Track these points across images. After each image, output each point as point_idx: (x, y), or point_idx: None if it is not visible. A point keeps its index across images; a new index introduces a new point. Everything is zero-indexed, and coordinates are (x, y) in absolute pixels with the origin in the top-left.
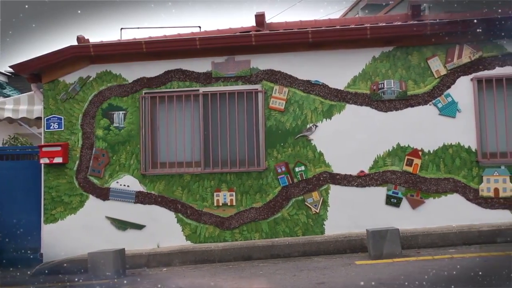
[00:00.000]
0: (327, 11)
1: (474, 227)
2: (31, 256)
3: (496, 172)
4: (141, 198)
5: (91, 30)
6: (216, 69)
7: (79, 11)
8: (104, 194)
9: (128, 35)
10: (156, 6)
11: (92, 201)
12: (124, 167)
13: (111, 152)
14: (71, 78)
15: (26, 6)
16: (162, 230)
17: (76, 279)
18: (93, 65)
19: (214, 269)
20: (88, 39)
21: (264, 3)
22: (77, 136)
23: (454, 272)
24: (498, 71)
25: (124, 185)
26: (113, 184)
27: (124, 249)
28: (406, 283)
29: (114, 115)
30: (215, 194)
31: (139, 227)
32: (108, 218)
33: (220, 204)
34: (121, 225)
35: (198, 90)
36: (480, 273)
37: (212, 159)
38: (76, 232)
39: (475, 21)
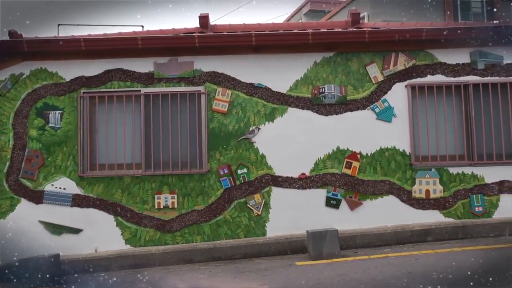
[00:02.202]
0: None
1: (407, 227)
2: None
3: (427, 174)
4: (78, 201)
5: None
6: (158, 69)
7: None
8: (37, 197)
9: (66, 32)
10: (99, 4)
11: (24, 205)
12: (60, 169)
13: (46, 154)
14: (2, 75)
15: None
16: (101, 234)
17: None
18: (26, 62)
19: (154, 273)
20: (21, 34)
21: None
22: (8, 136)
23: (388, 271)
24: (429, 78)
25: (60, 188)
26: (48, 187)
27: (59, 254)
28: (343, 283)
29: (50, 114)
30: (156, 196)
31: (76, 231)
32: (41, 222)
33: (161, 207)
34: (56, 229)
35: (140, 90)
36: (411, 272)
37: (154, 161)
38: (6, 238)
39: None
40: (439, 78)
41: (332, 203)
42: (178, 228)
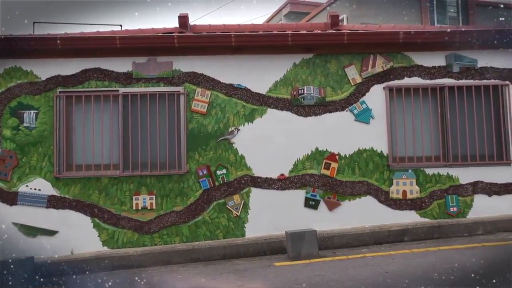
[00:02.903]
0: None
1: (385, 227)
2: None
3: (404, 175)
4: (54, 203)
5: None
6: (137, 69)
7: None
8: (11, 198)
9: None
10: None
11: None
12: (35, 170)
13: (20, 154)
14: None
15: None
16: (77, 236)
17: None
18: (0, 60)
19: (131, 275)
20: None
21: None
22: None
23: (366, 271)
24: (407, 81)
25: (35, 189)
26: (22, 188)
27: (33, 257)
28: (322, 283)
29: (25, 114)
30: (134, 197)
31: (51, 233)
32: (15, 224)
33: (140, 208)
34: (31, 231)
35: (118, 90)
36: (388, 272)
37: (132, 162)
38: None
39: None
40: (416, 81)
41: (311, 203)
42: (156, 230)
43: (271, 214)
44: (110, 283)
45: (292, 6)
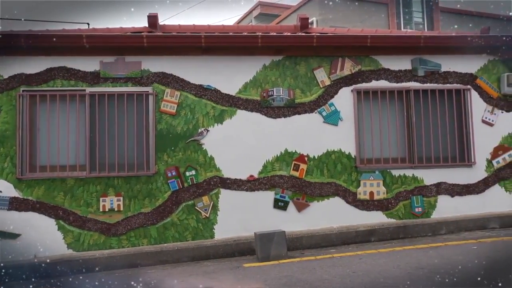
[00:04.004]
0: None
1: (352, 228)
2: None
3: (371, 176)
4: (16, 205)
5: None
6: (104, 69)
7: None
8: None
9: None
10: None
11: None
12: None
13: None
14: None
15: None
16: (41, 239)
17: None
18: None
19: (97, 278)
20: None
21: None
22: None
23: (333, 271)
24: (374, 84)
25: None
26: None
27: None
28: (290, 284)
29: None
30: (101, 199)
31: (13, 236)
32: None
33: (107, 210)
34: None
35: (85, 90)
36: (355, 272)
37: (99, 163)
38: None
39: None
40: (383, 84)
41: (280, 205)
42: (123, 232)
43: (240, 215)
44: (81, 284)
45: (263, 8)
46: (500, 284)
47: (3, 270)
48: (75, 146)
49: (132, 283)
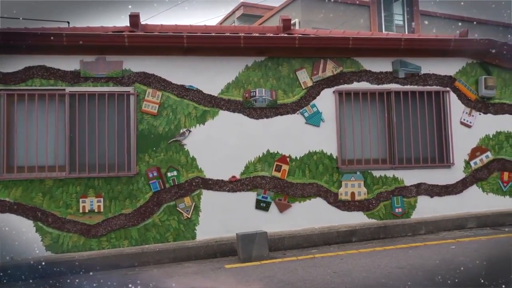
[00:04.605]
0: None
1: (334, 228)
2: None
3: (353, 177)
4: None
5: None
6: (85, 68)
7: None
8: None
9: None
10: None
11: None
12: None
13: None
14: None
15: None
16: (18, 241)
17: None
18: None
19: (76, 280)
20: None
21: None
22: None
23: (315, 271)
24: (355, 85)
25: None
26: None
27: None
28: (272, 284)
29: None
30: (81, 200)
31: None
32: None
33: (87, 211)
34: None
35: (64, 89)
36: (336, 272)
37: (79, 163)
38: None
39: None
40: (364, 85)
41: (262, 205)
42: (104, 233)
43: (222, 216)
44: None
45: (245, 8)
46: (477, 282)
47: None
48: (54, 147)
49: (110, 283)
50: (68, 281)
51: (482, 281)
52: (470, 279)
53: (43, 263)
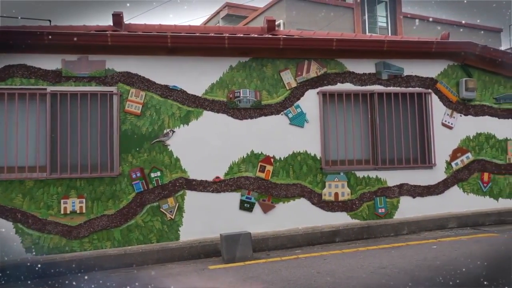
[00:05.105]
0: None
1: (317, 229)
2: None
3: (336, 178)
4: None
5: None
6: (67, 67)
7: None
8: None
9: None
10: None
11: None
12: None
13: None
14: None
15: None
16: None
17: None
18: None
19: (56, 283)
20: None
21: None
22: None
23: (298, 271)
24: (339, 86)
25: None
26: None
27: None
28: (255, 285)
29: None
30: (62, 201)
31: None
32: None
33: (68, 212)
34: None
35: (46, 89)
36: (319, 272)
37: (60, 164)
38: None
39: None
40: (348, 86)
41: (246, 206)
42: (86, 234)
43: (206, 217)
44: None
45: (230, 9)
46: (457, 281)
47: None
48: (34, 147)
49: (90, 285)
50: (50, 282)
51: (462, 279)
52: (451, 278)
53: (23, 265)
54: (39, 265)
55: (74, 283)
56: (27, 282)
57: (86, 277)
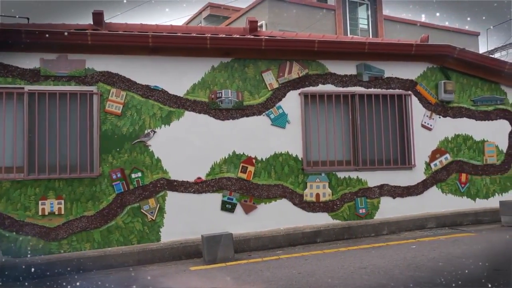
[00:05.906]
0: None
1: (299, 229)
2: None
3: (317, 179)
4: None
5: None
6: (45, 66)
7: None
8: None
9: None
10: None
11: None
12: None
13: None
14: None
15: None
16: None
17: None
18: None
19: (34, 285)
20: None
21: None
22: None
23: (280, 272)
24: (321, 87)
25: None
26: None
27: None
28: (236, 286)
29: None
30: (40, 202)
31: None
32: None
33: (46, 213)
34: None
35: (23, 88)
36: (300, 272)
37: (38, 164)
38: None
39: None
40: (329, 88)
41: (227, 207)
42: (64, 236)
43: (188, 218)
44: None
45: (212, 9)
46: (442, 280)
47: None
48: (11, 147)
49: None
50: (26, 284)
51: (440, 276)
52: (428, 276)
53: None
54: (16, 268)
55: (52, 285)
56: (2, 286)
57: (64, 280)
